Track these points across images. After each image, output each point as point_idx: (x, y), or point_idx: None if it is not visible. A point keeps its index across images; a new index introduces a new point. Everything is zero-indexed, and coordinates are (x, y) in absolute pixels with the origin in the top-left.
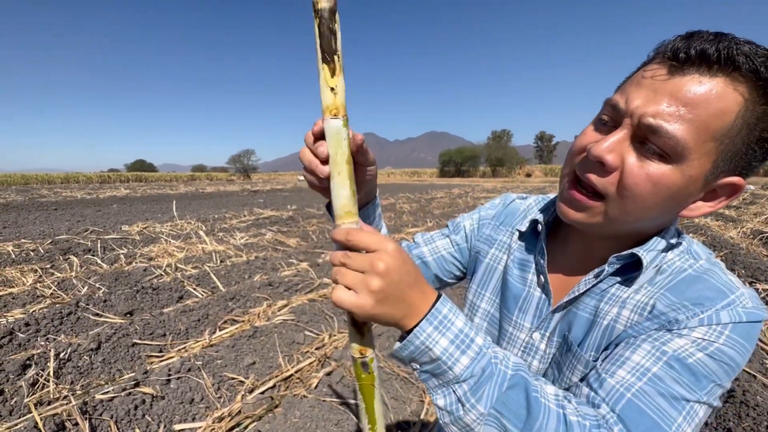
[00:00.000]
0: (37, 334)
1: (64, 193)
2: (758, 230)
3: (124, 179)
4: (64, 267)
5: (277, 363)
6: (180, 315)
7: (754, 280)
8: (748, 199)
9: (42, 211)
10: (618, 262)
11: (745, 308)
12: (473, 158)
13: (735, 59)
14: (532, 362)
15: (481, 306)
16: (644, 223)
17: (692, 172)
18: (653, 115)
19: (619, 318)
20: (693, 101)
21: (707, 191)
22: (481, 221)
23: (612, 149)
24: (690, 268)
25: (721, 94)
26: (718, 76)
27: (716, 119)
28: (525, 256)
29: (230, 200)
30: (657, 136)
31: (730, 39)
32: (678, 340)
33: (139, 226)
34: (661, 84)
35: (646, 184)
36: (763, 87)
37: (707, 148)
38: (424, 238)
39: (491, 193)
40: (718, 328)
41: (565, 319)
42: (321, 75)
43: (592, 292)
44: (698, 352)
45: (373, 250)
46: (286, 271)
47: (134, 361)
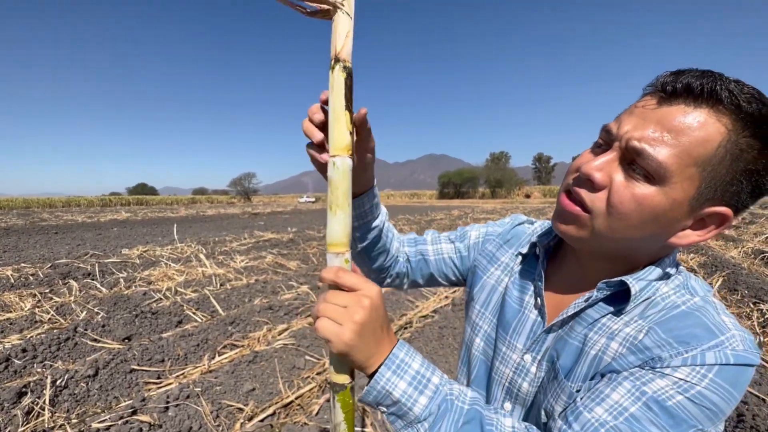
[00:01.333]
0: (34, 361)
1: (65, 216)
2: (759, 250)
3: (126, 202)
4: (63, 291)
5: (278, 389)
6: (179, 340)
7: (758, 301)
8: (747, 218)
9: (42, 234)
10: (607, 288)
11: (734, 351)
12: (472, 180)
13: (718, 93)
14: (522, 384)
15: (482, 326)
16: (631, 243)
17: (676, 195)
18: (639, 139)
19: (607, 350)
20: (677, 128)
21: (696, 220)
22: (487, 236)
23: (601, 168)
24: (684, 305)
25: (704, 123)
26: (702, 107)
27: (698, 146)
28: (524, 279)
29: (231, 223)
30: (641, 158)
31: (716, 76)
32: (659, 381)
33: (140, 250)
34: (650, 112)
35: (631, 202)
36: (745, 120)
37: (690, 173)
38: (432, 237)
39: (491, 215)
40: (701, 370)
41: (557, 344)
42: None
43: (583, 320)
44: (678, 394)
45: (358, 290)
46: (286, 294)
47: (132, 387)
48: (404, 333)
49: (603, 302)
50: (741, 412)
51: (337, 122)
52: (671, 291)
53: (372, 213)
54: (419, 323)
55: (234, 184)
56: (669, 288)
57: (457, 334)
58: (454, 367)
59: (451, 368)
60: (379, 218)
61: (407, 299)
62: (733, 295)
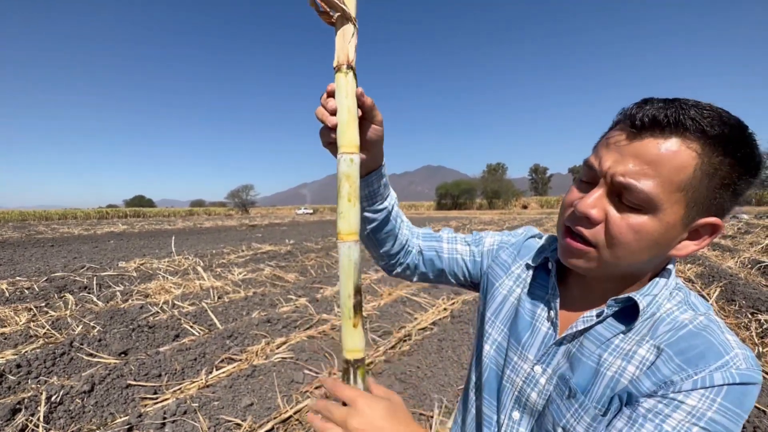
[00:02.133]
0: (29, 377)
1: (62, 229)
2: (755, 260)
3: (123, 215)
4: (59, 305)
5: (276, 404)
6: (176, 354)
7: (756, 311)
8: (743, 228)
9: (38, 247)
10: (616, 305)
11: (738, 370)
12: (470, 191)
13: (683, 122)
14: (531, 394)
15: (492, 334)
16: (639, 264)
17: (668, 219)
18: (623, 174)
19: (624, 372)
20: (654, 160)
21: (690, 232)
22: (501, 244)
23: (594, 205)
24: (690, 324)
25: (677, 152)
26: (672, 138)
27: (677, 173)
28: (537, 291)
29: (228, 235)
30: (629, 191)
31: (677, 105)
32: (675, 416)
33: (136, 263)
34: (624, 147)
35: (629, 233)
36: (712, 143)
37: (676, 198)
38: (448, 235)
39: (488, 225)
40: (710, 394)
41: (568, 361)
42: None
43: (594, 339)
44: (694, 426)
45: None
46: (284, 307)
47: (128, 403)
48: (403, 345)
49: (612, 318)
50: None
51: (352, 122)
52: (674, 307)
53: (382, 193)
54: (418, 336)
55: (232, 196)
56: (672, 305)
57: (457, 346)
58: (453, 380)
59: (450, 381)
60: (388, 199)
61: (406, 311)
62: (730, 306)
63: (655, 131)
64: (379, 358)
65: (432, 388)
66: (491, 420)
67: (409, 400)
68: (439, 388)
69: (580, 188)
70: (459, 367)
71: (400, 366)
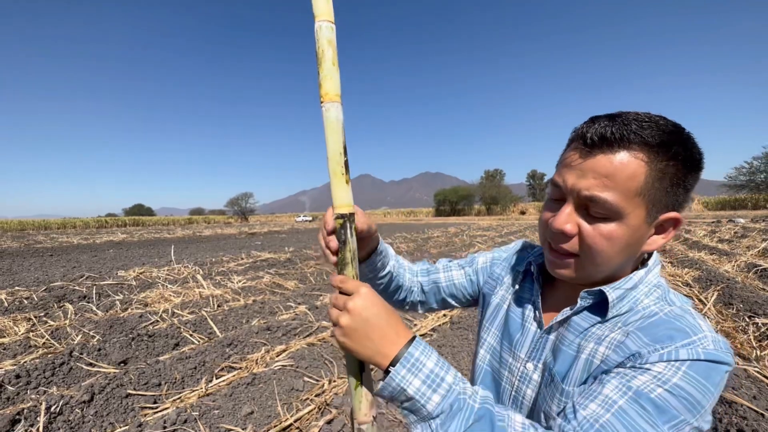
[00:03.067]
0: (28, 387)
1: (61, 238)
2: (752, 263)
3: (122, 223)
4: (58, 315)
5: (276, 412)
6: (176, 363)
7: (753, 315)
8: (740, 232)
9: (37, 257)
10: (589, 297)
11: (705, 349)
12: (468, 197)
13: (627, 137)
14: (527, 391)
15: (487, 340)
16: (617, 267)
17: (633, 222)
18: (586, 188)
19: (596, 353)
20: (609, 173)
21: (656, 227)
22: (494, 261)
23: (567, 221)
24: (661, 311)
25: (627, 163)
26: (620, 151)
27: (631, 181)
28: (524, 295)
29: (228, 243)
30: (595, 203)
31: (620, 121)
32: (641, 377)
33: (136, 271)
34: (582, 165)
35: (602, 240)
36: (655, 150)
37: (636, 202)
38: (443, 264)
39: (487, 231)
40: (675, 364)
41: (553, 353)
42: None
43: (573, 329)
44: (658, 387)
45: (351, 293)
46: (284, 314)
47: (128, 413)
48: None
49: (589, 311)
50: (741, 427)
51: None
52: (651, 302)
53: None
54: None
55: (231, 204)
56: (649, 300)
57: (456, 352)
58: None
59: None
60: (389, 266)
61: (405, 318)
62: (728, 309)
63: (604, 148)
64: None
65: None
66: None
67: None
68: None
69: (551, 208)
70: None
71: None
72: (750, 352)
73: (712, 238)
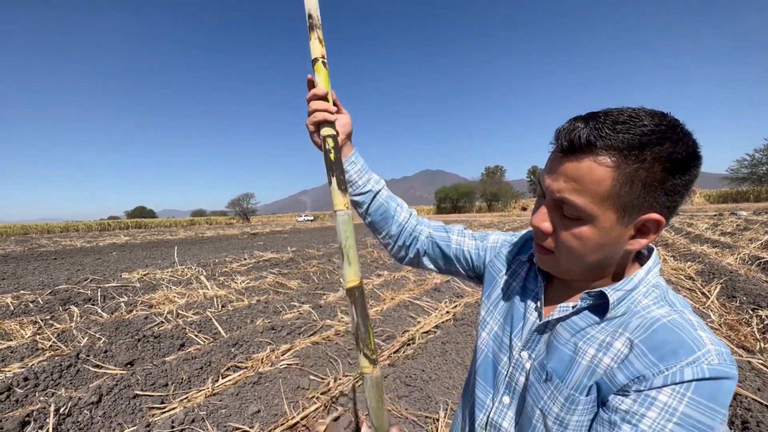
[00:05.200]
0: (36, 389)
1: (64, 242)
2: (755, 256)
3: (124, 226)
4: (64, 318)
5: (282, 410)
6: (182, 363)
7: (757, 307)
8: (742, 225)
9: (41, 261)
10: (589, 299)
11: (710, 365)
12: (469, 194)
13: (593, 142)
14: (519, 378)
15: (490, 323)
16: (595, 263)
17: (604, 224)
18: (558, 191)
19: (600, 363)
20: (578, 178)
21: (637, 228)
22: (505, 242)
23: (543, 219)
24: (664, 318)
25: (593, 169)
26: (588, 157)
27: (598, 186)
28: (529, 285)
29: (230, 244)
30: (566, 205)
31: (594, 123)
32: (649, 415)
33: (140, 273)
34: (557, 167)
35: (573, 240)
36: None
37: (606, 206)
38: (459, 230)
39: (488, 228)
40: (681, 389)
41: (547, 347)
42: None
43: (570, 327)
44: (668, 423)
45: None
46: (288, 314)
47: (135, 413)
48: (407, 349)
49: (588, 311)
50: (745, 419)
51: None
52: (651, 303)
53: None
54: (422, 339)
55: (232, 205)
56: (649, 300)
57: (460, 349)
58: (458, 383)
59: (455, 383)
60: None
61: (409, 315)
62: (731, 302)
63: (573, 154)
64: (384, 362)
65: (437, 390)
66: (483, 403)
67: (415, 403)
68: (444, 391)
69: (538, 203)
70: (463, 369)
71: (405, 370)
72: (754, 345)
73: (714, 231)
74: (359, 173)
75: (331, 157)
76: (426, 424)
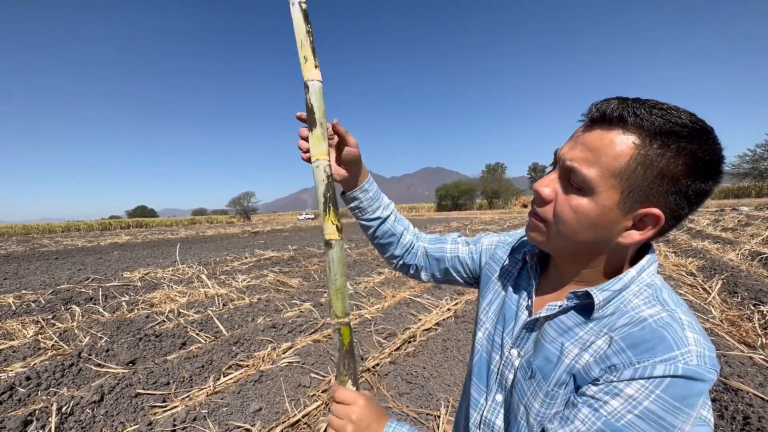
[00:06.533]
0: (38, 388)
1: (65, 241)
2: (757, 251)
3: (125, 225)
4: (66, 317)
5: (284, 408)
6: (183, 362)
7: (758, 302)
8: (744, 221)
9: (43, 260)
10: (575, 298)
11: (686, 364)
12: (469, 192)
13: (624, 117)
14: (509, 376)
15: (485, 323)
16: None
17: (604, 202)
18: (570, 159)
19: (581, 359)
20: (596, 149)
21: (635, 221)
22: (499, 243)
23: (547, 184)
24: (651, 318)
25: (616, 142)
26: (615, 130)
27: (613, 161)
28: (522, 283)
29: (231, 243)
30: (573, 174)
31: (629, 102)
32: (612, 402)
33: (141, 273)
34: (579, 137)
35: (569, 211)
36: (650, 136)
37: (611, 183)
38: (452, 238)
39: (489, 225)
40: (650, 384)
41: (535, 345)
42: None
43: (557, 326)
44: (628, 413)
45: (350, 404)
46: (289, 312)
47: (137, 412)
48: (408, 347)
49: (574, 311)
50: (747, 414)
51: None
52: (641, 302)
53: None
54: (423, 337)
55: (233, 204)
56: (640, 300)
57: (461, 346)
58: (459, 380)
59: (456, 380)
60: (379, 211)
61: (410, 313)
62: (733, 298)
63: (603, 124)
64: (385, 360)
65: (438, 387)
66: (477, 402)
67: (416, 401)
68: (445, 388)
69: (547, 171)
70: (464, 366)
71: (406, 367)
72: (755, 340)
73: (716, 227)
74: (370, 201)
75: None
76: (427, 421)
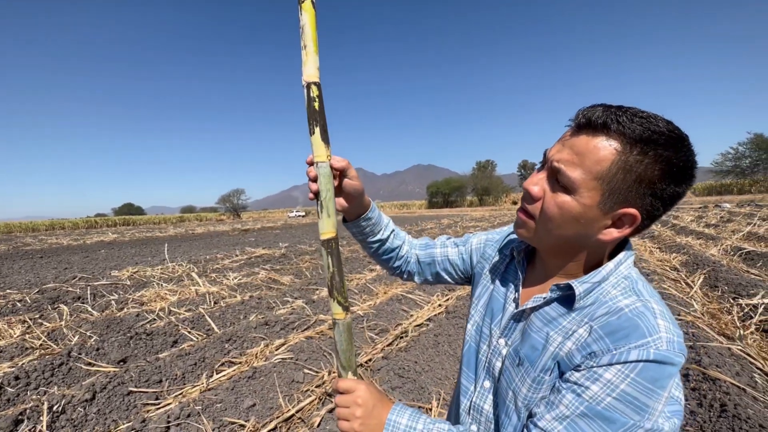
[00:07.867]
0: (28, 388)
1: (50, 240)
2: (737, 247)
3: (112, 224)
4: (54, 316)
5: (278, 403)
6: (176, 360)
7: (737, 296)
8: (726, 217)
9: (27, 259)
10: (558, 290)
11: (657, 350)
12: (460, 189)
13: (608, 124)
14: (496, 364)
15: (474, 316)
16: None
17: (585, 201)
18: (557, 160)
19: (564, 347)
20: (581, 152)
21: (614, 220)
22: (487, 242)
23: (536, 183)
24: (627, 308)
25: (599, 147)
26: (599, 136)
27: (595, 165)
28: (509, 277)
29: (221, 240)
30: (560, 174)
31: (614, 110)
32: (592, 387)
33: (129, 271)
34: (566, 141)
35: (555, 208)
36: (630, 143)
37: (593, 185)
38: (441, 242)
39: (479, 222)
40: (625, 369)
41: (522, 335)
42: None
43: (542, 316)
44: (607, 396)
45: (352, 392)
46: (281, 309)
47: (130, 410)
48: (400, 342)
49: (558, 302)
50: (724, 402)
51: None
52: (619, 293)
53: (372, 231)
54: (415, 332)
55: (223, 201)
56: (617, 291)
57: (452, 341)
58: (450, 373)
59: (447, 374)
60: (380, 234)
61: (402, 309)
62: (714, 292)
63: (588, 130)
64: (377, 355)
65: (430, 381)
66: (467, 389)
67: (409, 394)
68: (437, 381)
69: (538, 171)
70: (455, 360)
71: (398, 362)
72: (734, 332)
73: (699, 224)
74: (372, 227)
75: (315, 106)
76: None
